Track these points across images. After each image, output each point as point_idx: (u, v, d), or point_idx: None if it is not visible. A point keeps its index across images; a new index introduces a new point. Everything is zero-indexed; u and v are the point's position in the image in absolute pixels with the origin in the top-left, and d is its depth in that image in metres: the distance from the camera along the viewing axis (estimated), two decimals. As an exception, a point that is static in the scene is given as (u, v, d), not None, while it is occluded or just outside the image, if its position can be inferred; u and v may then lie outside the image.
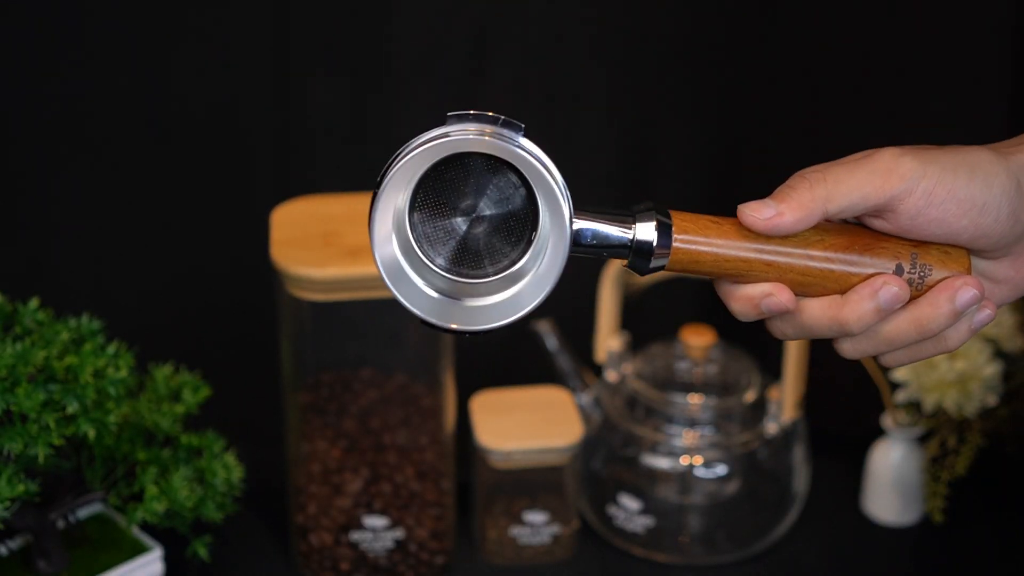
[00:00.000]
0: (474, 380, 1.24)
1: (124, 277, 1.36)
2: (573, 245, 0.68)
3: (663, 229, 0.69)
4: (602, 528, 1.22)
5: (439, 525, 1.16)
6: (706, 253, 0.69)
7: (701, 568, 1.19)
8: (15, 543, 1.10)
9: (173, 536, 1.15)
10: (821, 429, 1.26)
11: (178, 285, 1.37)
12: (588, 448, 1.21)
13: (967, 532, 1.24)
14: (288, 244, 1.09)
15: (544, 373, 1.24)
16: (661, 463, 1.19)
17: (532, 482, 1.18)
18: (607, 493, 1.21)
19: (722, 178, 1.39)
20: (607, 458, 1.21)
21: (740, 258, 0.69)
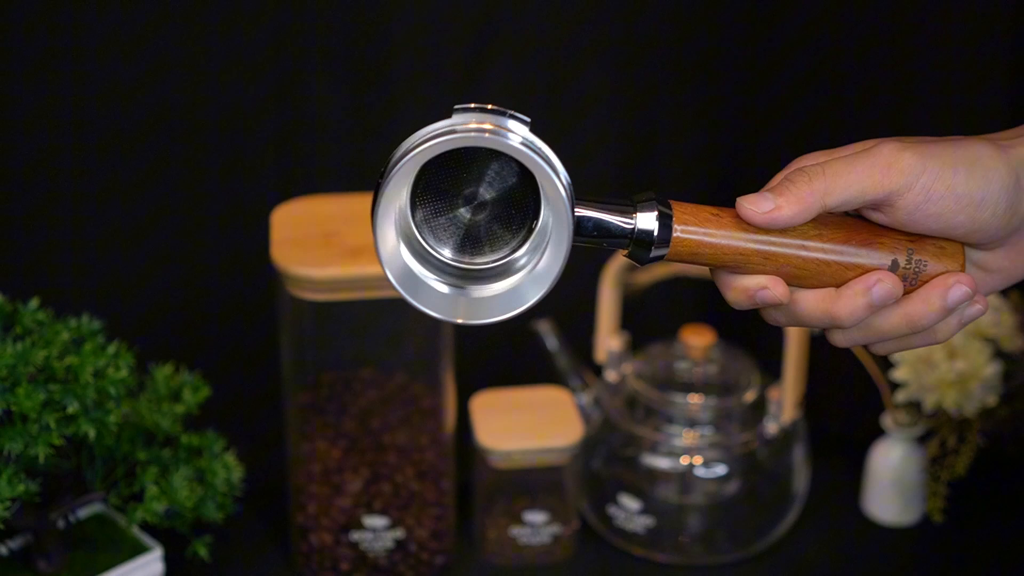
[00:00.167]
0: (474, 380, 1.24)
1: (124, 277, 1.36)
2: (574, 235, 0.68)
3: (664, 220, 0.69)
4: (602, 528, 1.22)
5: (439, 525, 1.16)
6: (706, 244, 0.69)
7: (701, 568, 1.19)
8: (15, 543, 1.10)
9: (173, 536, 1.15)
10: (821, 429, 1.26)
11: (178, 285, 1.36)
12: (588, 448, 1.21)
13: (967, 532, 1.24)
14: (288, 244, 1.09)
15: (544, 373, 1.24)
16: (661, 463, 1.19)
17: (532, 482, 1.18)
18: (607, 493, 1.20)
19: (725, 177, 1.39)
20: (607, 458, 1.21)
21: (738, 250, 0.70)
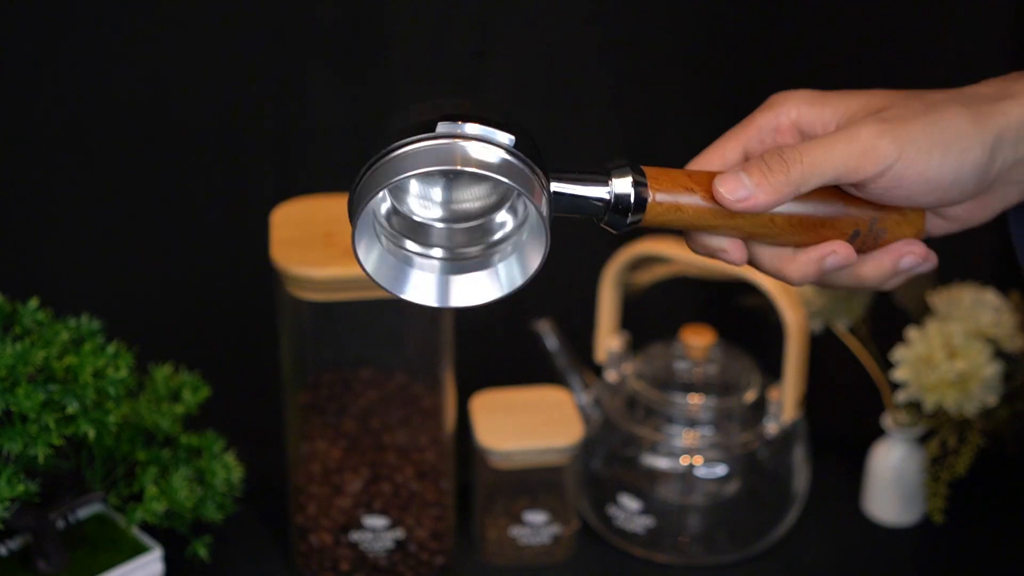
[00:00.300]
0: (474, 380, 1.24)
1: (124, 277, 1.36)
2: (553, 210, 0.70)
3: (639, 189, 0.71)
4: (602, 528, 1.21)
5: (439, 525, 1.16)
6: (679, 214, 0.72)
7: (701, 568, 1.19)
8: (15, 543, 1.10)
9: (173, 536, 1.15)
10: (821, 429, 1.26)
11: (178, 285, 1.37)
12: (588, 448, 1.21)
13: (967, 532, 1.24)
14: (288, 244, 1.09)
15: (544, 373, 1.24)
16: (661, 463, 1.19)
17: (532, 482, 1.18)
18: (607, 493, 1.20)
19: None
20: (607, 458, 1.21)
21: (708, 220, 0.72)
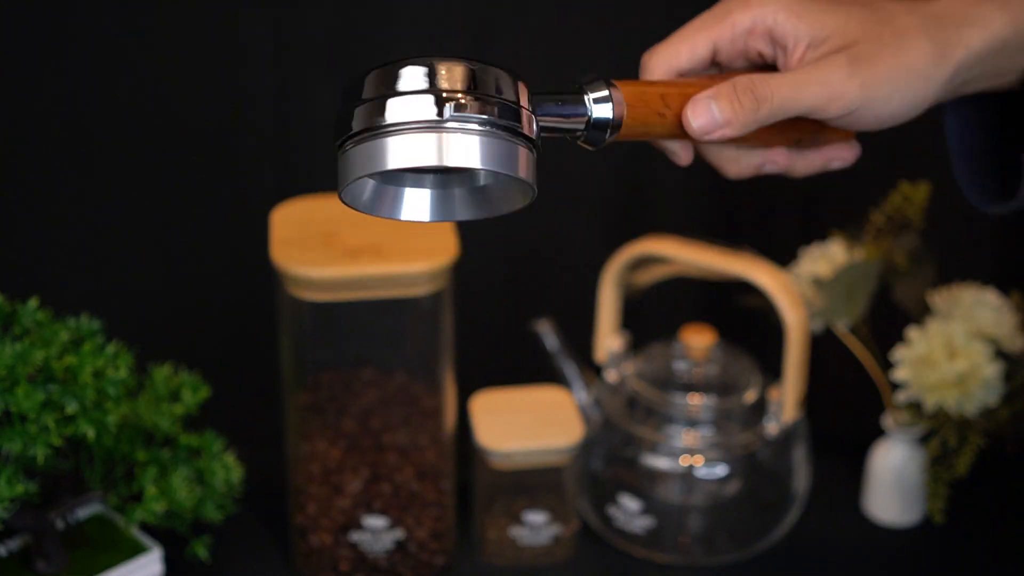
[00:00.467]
0: (474, 380, 1.24)
1: (124, 277, 1.36)
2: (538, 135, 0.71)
3: (617, 111, 0.73)
4: (602, 529, 1.21)
5: (439, 525, 1.16)
6: (649, 131, 0.75)
7: (701, 569, 1.19)
8: (14, 544, 1.10)
9: (172, 536, 1.15)
10: (821, 429, 1.25)
11: (178, 285, 1.37)
12: (588, 448, 1.21)
13: (968, 533, 1.24)
14: (288, 244, 1.09)
15: (544, 373, 1.24)
16: (661, 463, 1.18)
17: (532, 482, 1.18)
18: (607, 493, 1.20)
19: (724, 179, 1.39)
20: (607, 458, 1.21)
21: (675, 132, 0.76)
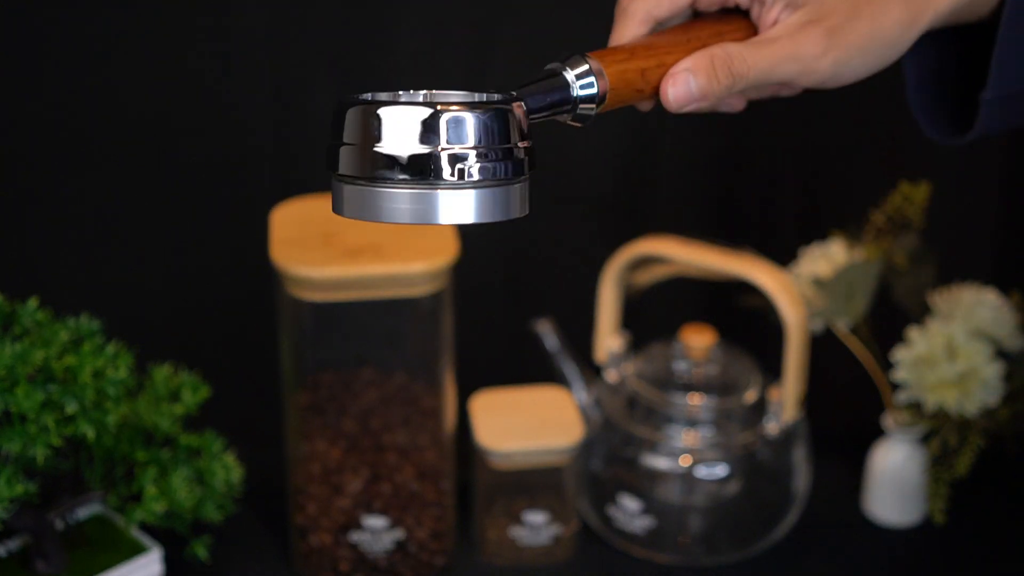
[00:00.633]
0: (474, 380, 1.24)
1: (124, 277, 1.36)
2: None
3: (600, 95, 0.73)
4: (602, 529, 1.21)
5: (439, 525, 1.16)
6: (626, 103, 0.76)
7: (702, 569, 1.19)
8: (14, 544, 1.10)
9: (172, 536, 1.15)
10: (822, 429, 1.25)
11: (178, 285, 1.37)
12: (588, 448, 1.21)
13: (968, 533, 1.24)
14: (288, 244, 1.09)
15: (544, 373, 1.24)
16: (661, 463, 1.18)
17: (532, 482, 1.18)
18: (607, 494, 1.20)
19: (725, 176, 1.39)
20: (607, 458, 1.21)
21: (651, 99, 0.77)
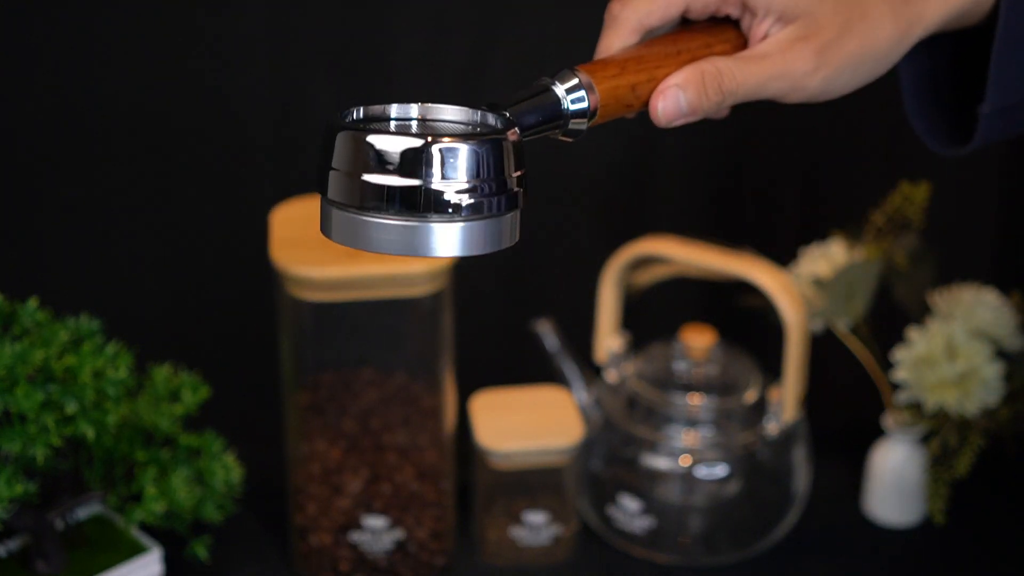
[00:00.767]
0: (474, 380, 1.24)
1: (124, 277, 1.36)
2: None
3: (591, 113, 0.73)
4: (602, 529, 1.21)
5: (439, 526, 1.16)
6: (618, 116, 0.76)
7: (702, 569, 1.19)
8: (14, 544, 1.10)
9: (172, 536, 1.15)
10: (822, 429, 1.25)
11: (178, 285, 1.36)
12: (588, 448, 1.21)
13: (968, 533, 1.24)
14: (288, 244, 1.09)
15: (544, 373, 1.24)
16: (661, 463, 1.18)
17: (532, 482, 1.17)
18: (607, 494, 1.20)
19: (725, 176, 1.39)
20: (607, 458, 1.21)
21: (639, 111, 0.76)
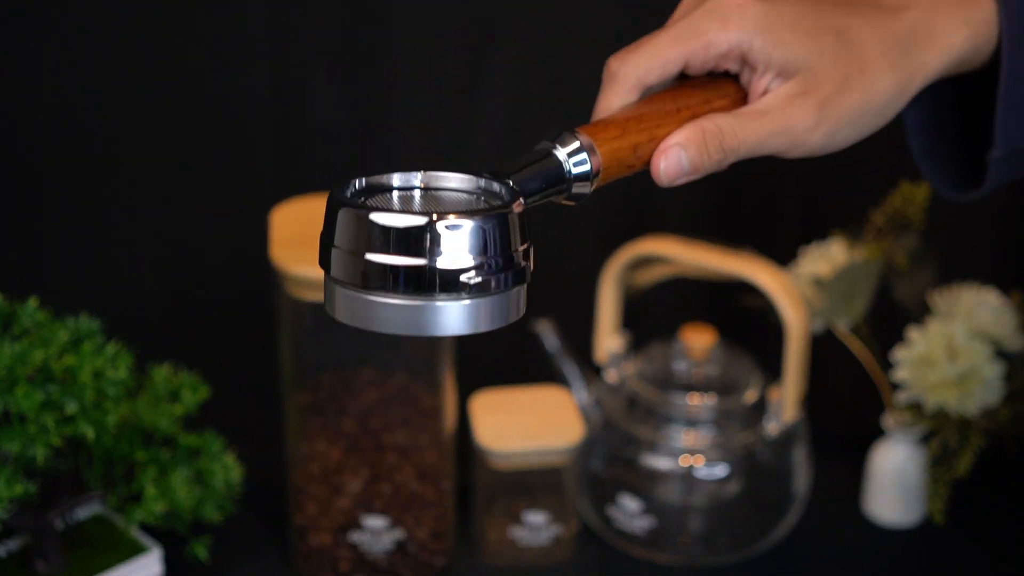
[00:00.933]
0: (474, 380, 1.24)
1: (124, 277, 1.36)
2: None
3: (593, 177, 0.71)
4: (602, 529, 1.21)
5: (439, 526, 1.16)
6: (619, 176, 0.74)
7: (701, 569, 1.19)
8: (14, 544, 1.10)
9: (172, 536, 1.15)
10: (822, 429, 1.25)
11: (178, 285, 1.36)
12: (588, 448, 1.21)
13: (969, 533, 1.23)
14: (288, 244, 1.09)
15: (544, 373, 1.24)
16: (661, 463, 1.18)
17: (532, 482, 1.17)
18: (607, 494, 1.20)
19: (725, 176, 1.39)
20: (607, 458, 1.21)
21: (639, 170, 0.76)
